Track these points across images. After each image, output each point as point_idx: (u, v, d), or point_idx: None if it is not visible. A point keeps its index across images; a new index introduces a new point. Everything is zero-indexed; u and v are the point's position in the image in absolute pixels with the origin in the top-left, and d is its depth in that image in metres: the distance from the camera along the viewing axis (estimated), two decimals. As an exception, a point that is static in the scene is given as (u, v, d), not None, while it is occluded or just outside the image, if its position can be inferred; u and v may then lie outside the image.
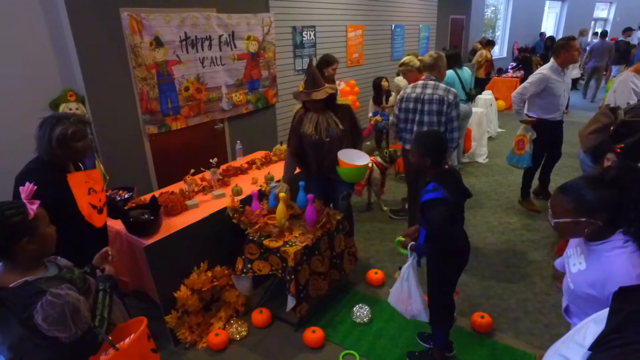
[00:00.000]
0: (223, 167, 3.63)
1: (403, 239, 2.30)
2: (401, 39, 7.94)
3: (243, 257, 2.80)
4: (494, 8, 13.30)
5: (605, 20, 17.42)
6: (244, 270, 2.78)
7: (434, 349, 2.52)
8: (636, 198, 1.31)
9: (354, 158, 2.82)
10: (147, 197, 2.97)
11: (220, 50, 4.43)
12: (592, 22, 16.50)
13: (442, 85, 3.27)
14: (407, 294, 2.27)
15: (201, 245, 2.80)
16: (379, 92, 5.56)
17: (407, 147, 3.38)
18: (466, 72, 5.35)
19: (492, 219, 4.38)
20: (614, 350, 0.88)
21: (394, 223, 4.32)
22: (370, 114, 5.57)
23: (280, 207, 2.80)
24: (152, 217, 2.55)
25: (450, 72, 5.16)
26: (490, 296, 3.16)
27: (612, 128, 2.93)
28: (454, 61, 5.33)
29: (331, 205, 3.15)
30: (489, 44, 9.28)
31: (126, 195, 2.86)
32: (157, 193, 3.04)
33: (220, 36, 4.37)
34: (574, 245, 1.61)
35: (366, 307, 2.96)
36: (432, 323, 2.44)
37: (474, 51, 9.72)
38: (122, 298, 2.22)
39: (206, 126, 4.52)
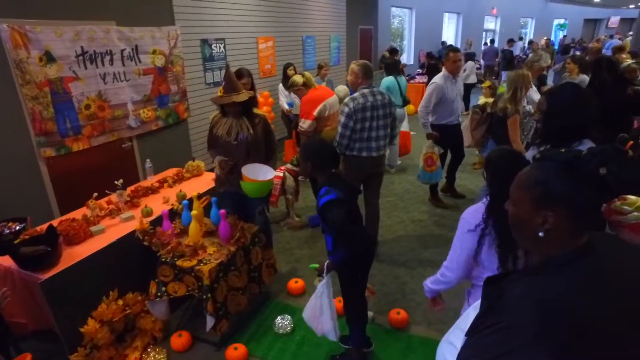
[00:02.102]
0: (131, 188, 3.46)
1: (317, 265, 2.38)
2: (312, 49, 8.17)
3: (156, 280, 2.69)
4: (400, 19, 14.20)
5: (494, 30, 19.49)
6: (158, 294, 2.67)
7: (352, 348, 2.63)
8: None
9: (258, 173, 2.86)
10: (44, 227, 2.74)
11: (124, 65, 4.22)
12: (484, 33, 18.38)
13: (381, 90, 3.49)
14: (319, 311, 2.34)
15: (110, 273, 2.64)
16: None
17: (364, 154, 3.39)
18: (402, 79, 5.76)
19: (405, 217, 4.66)
20: (480, 333, 0.98)
21: (313, 231, 4.41)
22: (285, 106, 5.69)
23: (193, 225, 2.74)
24: (48, 249, 2.35)
25: (391, 79, 5.56)
26: (405, 292, 3.36)
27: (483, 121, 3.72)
28: (393, 68, 5.70)
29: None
30: (394, 52, 9.97)
31: (17, 227, 2.60)
32: (56, 221, 2.81)
33: (122, 50, 4.18)
34: None
35: (288, 317, 3.00)
36: (348, 323, 2.55)
37: (383, 59, 10.31)
38: (16, 344, 2.02)
39: (112, 145, 4.27)
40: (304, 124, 3.97)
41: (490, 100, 5.12)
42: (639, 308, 0.94)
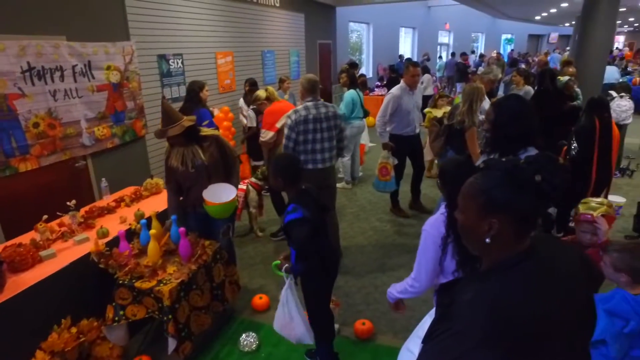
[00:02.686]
0: (85, 208, 3.32)
1: (279, 262, 2.39)
2: (272, 63, 8.21)
3: (113, 304, 2.58)
4: (358, 33, 14.56)
5: (448, 44, 20.36)
6: (116, 319, 2.56)
7: (320, 363, 2.62)
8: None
9: (221, 193, 2.83)
10: (-13, 254, 2.57)
11: (76, 81, 4.08)
12: (438, 47, 19.16)
13: (328, 103, 3.55)
14: (289, 317, 2.33)
15: (62, 300, 2.50)
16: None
17: (310, 166, 3.44)
18: (362, 93, 5.94)
19: (367, 228, 4.73)
20: (434, 340, 1.02)
21: (278, 244, 4.39)
22: (245, 121, 5.68)
23: (152, 244, 2.66)
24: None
25: (352, 92, 5.69)
26: (370, 302, 3.39)
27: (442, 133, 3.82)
28: (355, 82, 5.83)
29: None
30: (353, 66, 10.20)
31: (-43, 255, 2.43)
32: None
33: (74, 66, 4.04)
34: None
35: (253, 334, 2.95)
36: (315, 338, 2.53)
37: (342, 72, 10.53)
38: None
39: (65, 165, 4.09)
40: (266, 135, 4.00)
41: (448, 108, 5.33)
42: (575, 307, 1.00)
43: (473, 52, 19.02)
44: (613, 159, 3.73)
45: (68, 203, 3.00)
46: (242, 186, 4.28)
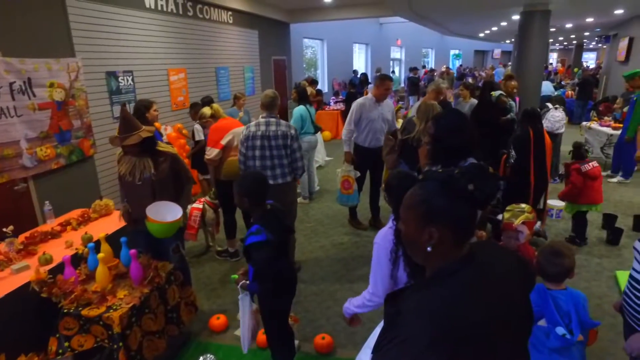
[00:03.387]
0: (25, 234, 3.13)
1: (237, 276, 2.37)
2: (226, 80, 8.17)
3: (57, 335, 2.43)
4: (313, 49, 14.80)
5: (400, 60, 21.12)
6: (60, 351, 2.41)
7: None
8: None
9: (165, 212, 2.77)
10: None
11: (14, 99, 3.87)
12: (391, 62, 19.82)
13: (283, 121, 3.57)
14: (242, 326, 2.33)
15: (-2, 334, 2.33)
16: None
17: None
18: (312, 108, 5.98)
19: (325, 242, 4.75)
20: (382, 350, 1.04)
21: (235, 263, 4.32)
22: (203, 137, 5.58)
23: (101, 269, 2.55)
24: None
25: (302, 108, 5.69)
26: (329, 316, 3.40)
27: (396, 147, 3.92)
28: (304, 98, 5.84)
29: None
30: (313, 82, 10.39)
31: None
32: None
33: (11, 83, 3.83)
34: None
35: (211, 355, 2.86)
36: (275, 356, 2.51)
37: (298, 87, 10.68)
38: None
39: (2, 188, 3.85)
40: (211, 152, 3.97)
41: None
42: (513, 307, 1.06)
43: (424, 66, 19.81)
44: (547, 165, 4.00)
45: (5, 229, 2.83)
46: (199, 205, 4.21)
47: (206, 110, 4.38)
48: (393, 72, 18.88)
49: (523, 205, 2.83)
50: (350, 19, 12.07)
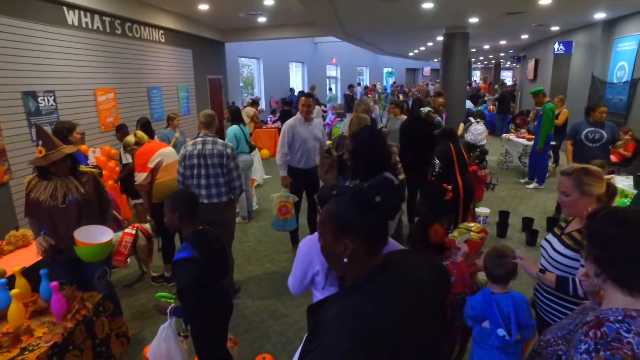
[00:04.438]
0: None
1: (169, 294, 2.30)
2: (159, 99, 7.96)
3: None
4: (250, 67, 14.83)
5: (336, 77, 21.75)
6: (-31, 401, 2.18)
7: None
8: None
9: (95, 235, 2.65)
10: None
11: None
12: (327, 79, 20.35)
13: (220, 140, 3.56)
14: (165, 355, 2.22)
15: None
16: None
17: (204, 201, 3.48)
18: (246, 127, 5.95)
19: (265, 261, 4.72)
20: (306, 358, 1.08)
21: (174, 287, 4.16)
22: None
23: (14, 306, 2.35)
24: None
25: (235, 127, 5.63)
26: (270, 335, 3.37)
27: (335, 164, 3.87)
28: (237, 117, 5.80)
29: None
30: (254, 103, 10.42)
31: None
32: None
33: None
34: None
35: (144, 388, 2.73)
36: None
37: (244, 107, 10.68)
38: None
39: None
40: (139, 177, 3.89)
41: None
42: (426, 309, 1.14)
43: (359, 84, 20.52)
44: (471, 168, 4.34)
45: None
46: (131, 231, 4.02)
47: (130, 139, 4.26)
48: (330, 89, 19.38)
49: (472, 224, 2.91)
50: (285, 39, 12.28)
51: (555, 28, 10.85)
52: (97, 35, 6.17)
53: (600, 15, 8.72)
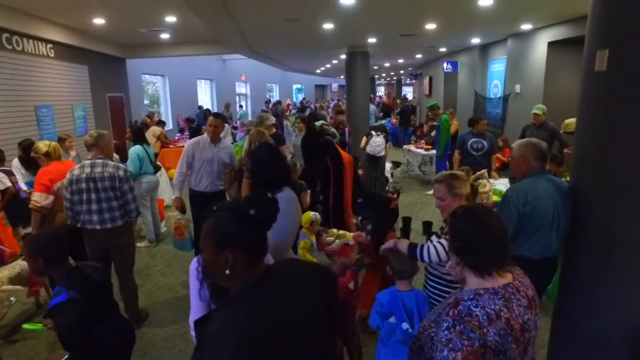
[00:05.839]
0: None
1: (40, 326, 2.12)
2: (51, 119, 7.32)
3: None
4: (155, 84, 14.22)
5: (246, 94, 21.74)
6: None
7: None
8: None
9: None
10: None
11: None
12: (237, 97, 20.26)
13: (111, 162, 3.39)
14: None
15: None
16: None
17: (89, 227, 3.35)
18: (151, 148, 5.78)
19: (175, 283, 4.56)
20: None
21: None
22: (24, 186, 4.82)
23: None
24: None
25: (138, 147, 5.39)
26: (183, 358, 3.27)
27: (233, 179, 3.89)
28: (140, 136, 5.57)
29: None
30: (161, 123, 9.96)
31: None
32: None
33: None
34: None
35: None
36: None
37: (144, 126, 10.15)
38: None
39: None
40: (41, 198, 3.50)
41: None
42: (310, 312, 1.21)
43: (269, 101, 20.64)
44: (348, 190, 4.28)
45: None
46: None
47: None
48: (241, 106, 19.31)
49: (341, 231, 2.82)
50: (190, 56, 12.03)
51: (443, 49, 12.08)
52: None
53: (476, 40, 9.95)
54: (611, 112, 2.29)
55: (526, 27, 7.83)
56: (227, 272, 1.17)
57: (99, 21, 7.18)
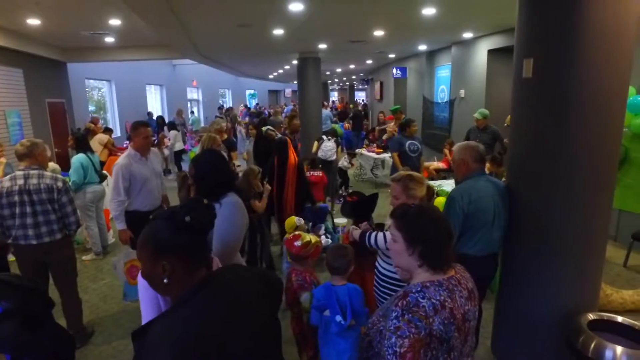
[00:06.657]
0: None
1: None
2: (-19, 127, 6.81)
3: None
4: (101, 90, 13.59)
5: (197, 100, 21.27)
6: None
7: None
8: None
9: None
10: None
11: None
12: (188, 102, 19.77)
13: (48, 173, 3.20)
14: None
15: None
16: None
17: (23, 242, 3.13)
18: (96, 156, 5.55)
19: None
20: None
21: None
22: None
23: None
24: None
25: (81, 156, 5.17)
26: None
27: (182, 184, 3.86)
28: (83, 144, 5.35)
29: None
30: (108, 130, 9.51)
31: None
32: None
33: None
34: None
35: None
36: None
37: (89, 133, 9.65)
38: None
39: None
40: None
41: None
42: (252, 316, 1.21)
43: (220, 107, 20.17)
44: (290, 183, 4.55)
45: None
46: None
47: None
48: (192, 112, 18.88)
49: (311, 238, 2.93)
50: (137, 60, 11.63)
51: (392, 55, 12.45)
52: None
53: (423, 47, 10.35)
54: (537, 115, 2.49)
55: (467, 35, 8.25)
56: (165, 281, 1.15)
57: (34, 22, 6.77)
